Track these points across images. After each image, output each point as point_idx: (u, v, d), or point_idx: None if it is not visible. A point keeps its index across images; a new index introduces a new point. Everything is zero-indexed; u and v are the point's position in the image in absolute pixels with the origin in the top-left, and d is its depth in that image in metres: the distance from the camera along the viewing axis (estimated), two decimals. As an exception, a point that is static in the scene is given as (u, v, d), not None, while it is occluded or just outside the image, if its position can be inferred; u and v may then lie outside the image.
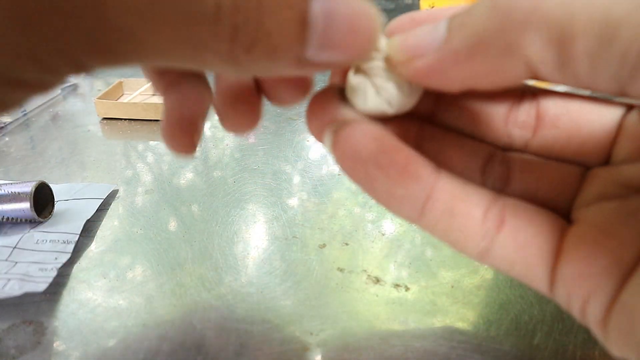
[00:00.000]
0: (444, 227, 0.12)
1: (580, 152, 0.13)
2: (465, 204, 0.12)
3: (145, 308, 0.23)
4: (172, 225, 0.30)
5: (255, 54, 0.10)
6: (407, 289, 0.25)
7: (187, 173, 0.35)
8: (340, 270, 0.26)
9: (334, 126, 0.12)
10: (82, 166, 0.36)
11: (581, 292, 0.11)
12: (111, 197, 0.32)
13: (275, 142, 0.40)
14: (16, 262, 0.25)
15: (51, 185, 0.30)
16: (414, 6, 0.93)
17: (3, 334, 0.22)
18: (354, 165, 0.12)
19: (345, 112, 0.14)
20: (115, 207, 0.31)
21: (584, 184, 0.13)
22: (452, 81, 0.11)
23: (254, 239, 0.28)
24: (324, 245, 0.27)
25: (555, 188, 0.13)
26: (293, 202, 0.32)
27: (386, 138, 0.12)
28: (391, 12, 0.89)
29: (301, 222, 0.29)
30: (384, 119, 0.14)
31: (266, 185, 0.34)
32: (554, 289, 0.12)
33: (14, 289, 0.23)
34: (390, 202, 0.12)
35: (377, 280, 0.25)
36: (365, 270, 0.26)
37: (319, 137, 0.14)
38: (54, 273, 0.25)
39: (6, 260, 0.25)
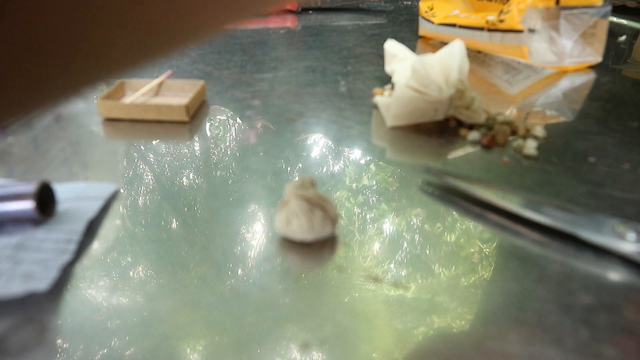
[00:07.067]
0: None
1: None
2: None
3: (147, 307, 0.23)
4: (174, 224, 0.30)
5: None
6: (405, 287, 0.25)
7: (188, 173, 0.36)
8: (340, 269, 0.26)
9: None
10: (85, 166, 0.37)
11: None
12: (113, 196, 0.32)
13: (275, 142, 0.40)
14: (19, 261, 0.25)
15: (54, 185, 0.30)
16: (414, 7, 0.93)
17: (5, 332, 0.22)
18: None
19: None
20: (117, 207, 0.31)
21: None
22: None
23: (255, 238, 0.28)
24: (323, 245, 0.28)
25: None
26: (293, 202, 0.32)
27: None
28: (391, 13, 0.89)
29: (301, 221, 0.30)
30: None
31: (266, 185, 0.34)
32: None
33: (17, 288, 0.24)
34: None
35: (376, 279, 0.25)
36: (364, 269, 0.26)
37: None
38: (56, 272, 0.25)
39: (9, 259, 0.26)
